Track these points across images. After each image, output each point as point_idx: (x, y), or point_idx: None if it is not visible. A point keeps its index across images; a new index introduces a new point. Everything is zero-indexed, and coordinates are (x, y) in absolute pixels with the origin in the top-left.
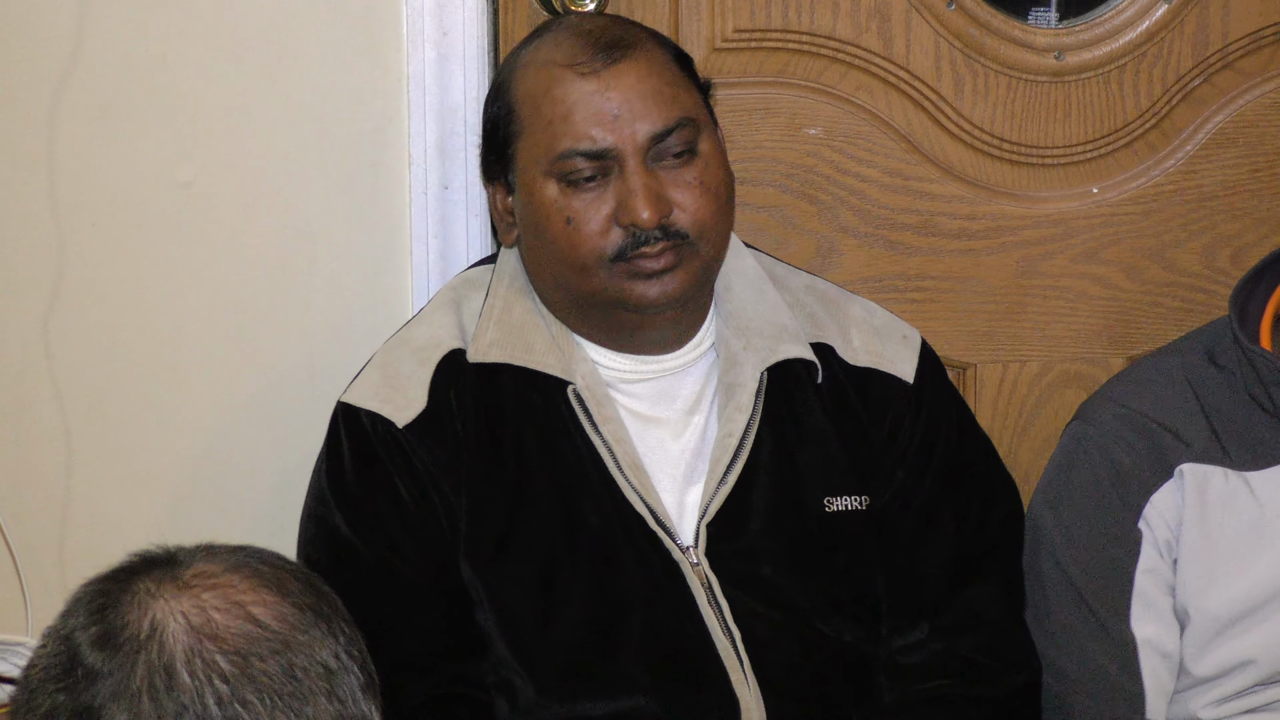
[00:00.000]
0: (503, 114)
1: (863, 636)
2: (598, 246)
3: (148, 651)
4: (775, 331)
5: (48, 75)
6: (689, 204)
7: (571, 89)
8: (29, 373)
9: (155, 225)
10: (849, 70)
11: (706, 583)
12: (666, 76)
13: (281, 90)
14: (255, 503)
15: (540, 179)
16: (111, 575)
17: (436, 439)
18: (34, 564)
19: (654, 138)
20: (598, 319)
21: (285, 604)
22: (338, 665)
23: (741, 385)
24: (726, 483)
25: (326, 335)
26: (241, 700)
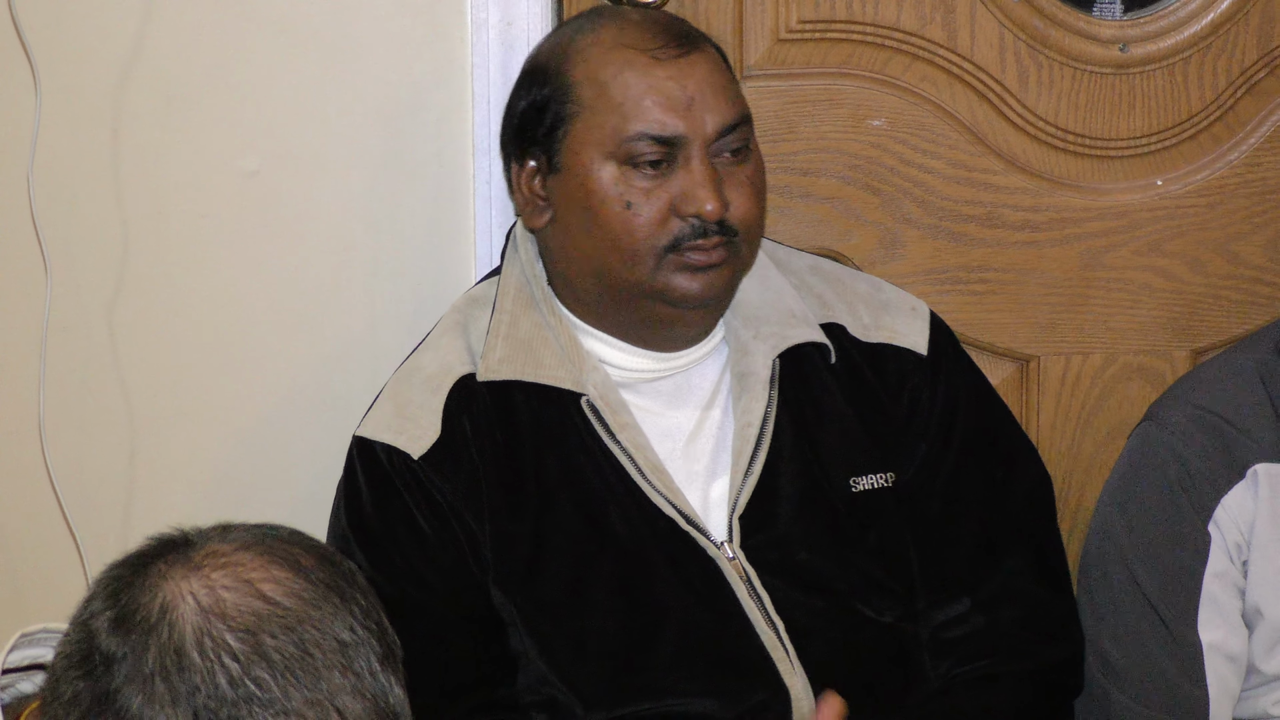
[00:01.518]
0: (555, 95)
1: (902, 615)
2: (653, 234)
3: (158, 633)
4: (783, 317)
5: (113, 64)
6: (741, 202)
7: (645, 73)
8: (93, 362)
9: (219, 214)
10: (913, 61)
11: (745, 575)
12: (728, 73)
13: (345, 80)
14: (317, 489)
15: (599, 161)
16: (128, 560)
17: (453, 468)
18: (98, 553)
19: (720, 131)
20: (627, 312)
21: (297, 580)
22: (353, 638)
23: (754, 374)
24: (752, 473)
25: (390, 325)
26: (253, 678)
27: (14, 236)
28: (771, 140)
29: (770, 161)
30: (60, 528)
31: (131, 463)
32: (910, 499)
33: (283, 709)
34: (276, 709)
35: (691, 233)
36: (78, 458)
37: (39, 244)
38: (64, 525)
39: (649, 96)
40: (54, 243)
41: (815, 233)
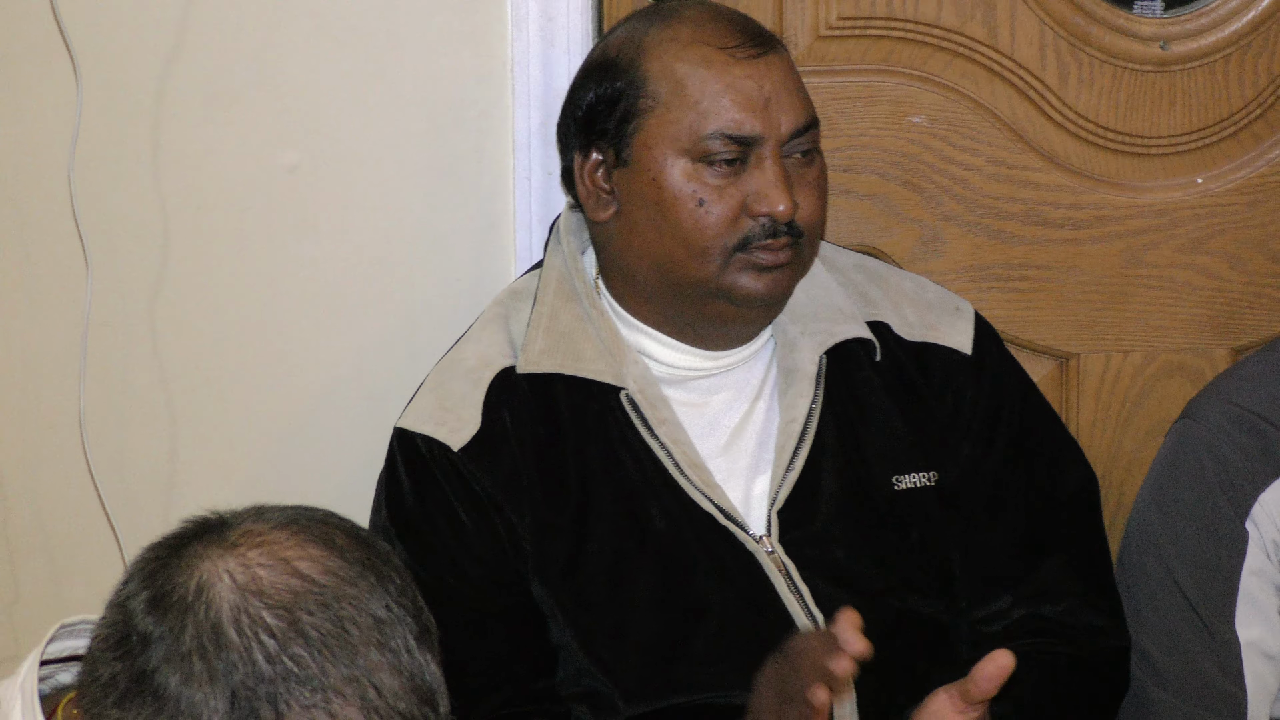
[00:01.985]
0: (628, 89)
1: (941, 610)
2: (724, 232)
3: (195, 612)
4: (830, 314)
5: (154, 60)
6: (808, 204)
7: (725, 72)
8: (134, 358)
9: (259, 210)
10: (953, 58)
11: (784, 570)
12: (799, 76)
13: (386, 75)
14: (356, 483)
15: (671, 157)
16: (164, 542)
17: (493, 460)
18: (138, 546)
19: (794, 132)
20: (685, 309)
21: (333, 558)
22: (389, 615)
23: (800, 370)
24: (794, 468)
25: (429, 320)
26: (290, 654)
27: (55, 232)
28: None
29: None
30: (100, 521)
31: (171, 457)
32: (954, 498)
33: (320, 685)
34: (314, 685)
35: (761, 232)
36: (118, 452)
37: (80, 239)
38: (104, 519)
39: (727, 95)
40: (95, 238)
41: (856, 230)
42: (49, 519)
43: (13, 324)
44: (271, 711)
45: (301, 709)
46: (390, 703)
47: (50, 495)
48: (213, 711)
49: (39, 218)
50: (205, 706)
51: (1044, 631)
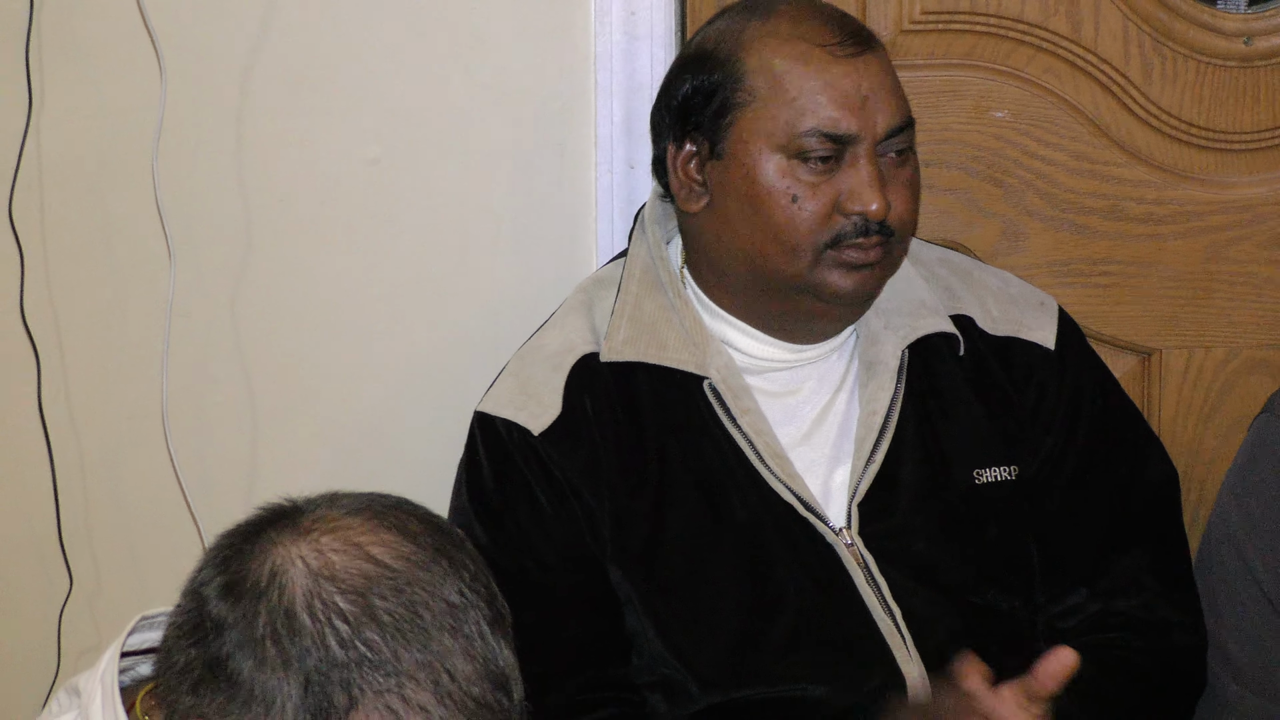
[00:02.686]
0: (725, 81)
1: (1020, 604)
2: (816, 229)
3: (268, 597)
4: (914, 308)
5: (237, 52)
6: (900, 204)
7: (824, 69)
8: (215, 350)
9: (341, 203)
10: (1036, 53)
11: (863, 562)
12: (896, 76)
13: (469, 69)
14: (436, 475)
15: (766, 152)
16: (238, 529)
17: (573, 445)
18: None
19: (890, 131)
20: (773, 303)
21: (406, 543)
22: (462, 601)
23: (883, 363)
24: (874, 461)
25: (510, 312)
26: (363, 639)
27: (139, 224)
28: None
29: None
30: (182, 512)
31: (253, 448)
32: (1034, 493)
33: (393, 670)
34: (387, 670)
35: (853, 230)
36: (200, 443)
37: (163, 231)
38: (186, 509)
39: (825, 93)
40: (178, 230)
41: (938, 224)
42: (131, 510)
43: (97, 315)
44: (345, 696)
45: (374, 694)
46: (464, 688)
47: (132, 486)
48: (286, 697)
49: (123, 210)
50: (279, 692)
51: (1119, 627)
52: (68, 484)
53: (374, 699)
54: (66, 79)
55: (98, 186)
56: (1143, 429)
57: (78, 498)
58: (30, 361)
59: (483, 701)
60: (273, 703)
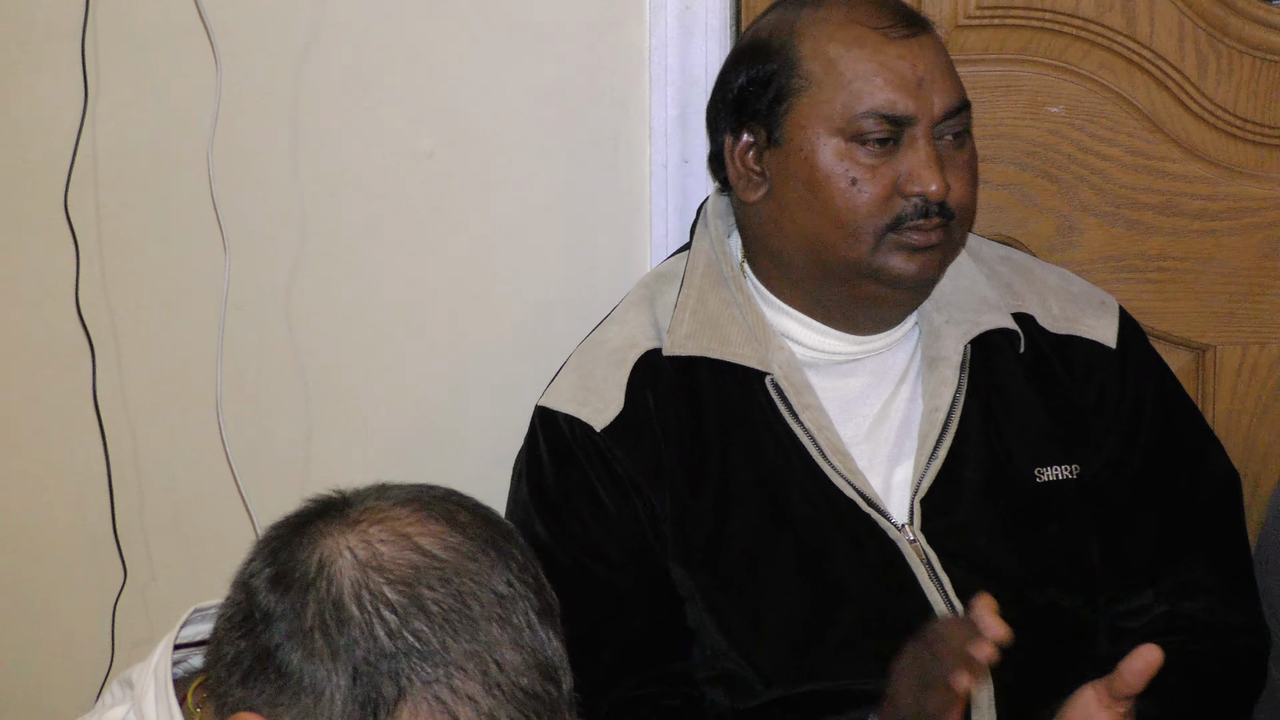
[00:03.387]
0: (780, 70)
1: (1082, 603)
2: (876, 212)
3: (316, 588)
4: (976, 304)
5: (292, 46)
6: (960, 186)
7: (879, 51)
8: (270, 342)
9: (395, 195)
10: (1092, 49)
11: (925, 559)
12: (951, 58)
13: (524, 62)
14: (490, 468)
15: (824, 137)
16: (288, 520)
17: (634, 441)
18: None
19: (947, 113)
20: (835, 290)
21: (454, 534)
22: (510, 592)
23: (945, 359)
24: (937, 457)
25: (564, 306)
26: (411, 630)
27: (194, 217)
28: None
29: None
30: (236, 504)
31: (307, 441)
32: (1095, 492)
33: (442, 661)
34: (435, 661)
35: (913, 212)
36: (254, 436)
37: (218, 224)
38: (240, 502)
39: (880, 75)
40: (233, 223)
41: (993, 219)
42: (185, 502)
43: (151, 308)
44: (393, 687)
45: (423, 685)
46: (512, 678)
47: (187, 479)
48: (335, 688)
49: (178, 203)
50: (328, 683)
51: (1183, 629)
52: (122, 476)
53: (422, 689)
54: (122, 72)
55: (153, 179)
56: (1203, 429)
57: (132, 490)
58: (85, 354)
59: (531, 692)
60: (322, 693)
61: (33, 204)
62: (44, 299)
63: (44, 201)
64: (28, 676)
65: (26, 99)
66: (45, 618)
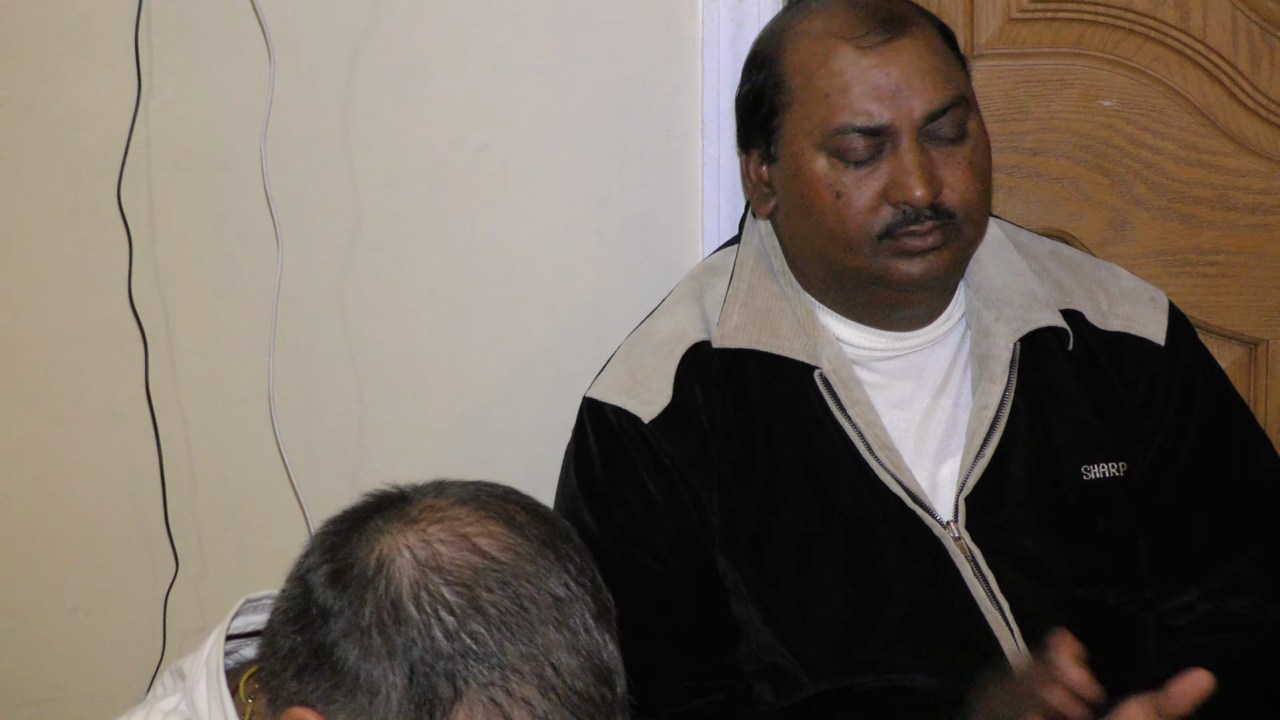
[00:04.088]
0: (769, 84)
1: (1128, 601)
2: (866, 223)
3: (375, 587)
4: (1026, 301)
5: (345, 38)
6: (958, 184)
7: (850, 63)
8: (323, 334)
9: (449, 187)
10: (1145, 42)
11: (970, 556)
12: (940, 54)
13: (576, 55)
14: (542, 461)
15: (809, 151)
16: (346, 515)
17: (682, 433)
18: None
19: (929, 116)
20: (854, 295)
21: (513, 535)
22: (567, 594)
23: (995, 357)
24: (984, 455)
25: (615, 300)
26: (469, 632)
27: (247, 209)
28: (1001, 119)
29: (1000, 141)
30: (288, 496)
31: (359, 432)
32: (1143, 489)
33: (498, 663)
34: (492, 663)
35: (904, 219)
36: (306, 427)
37: (271, 216)
38: (291, 493)
39: (854, 87)
40: (286, 215)
41: (1045, 213)
42: (237, 493)
43: (204, 300)
44: (449, 688)
45: (479, 686)
46: (568, 682)
47: (239, 470)
48: (391, 686)
49: (231, 195)
50: (384, 681)
51: (1230, 627)
52: (174, 467)
53: (478, 691)
54: (176, 63)
55: (206, 171)
56: (1253, 426)
57: (184, 481)
58: (138, 346)
59: (586, 696)
60: (377, 692)
61: (86, 196)
62: (97, 291)
63: (97, 193)
64: (80, 667)
65: (80, 91)
66: (97, 608)
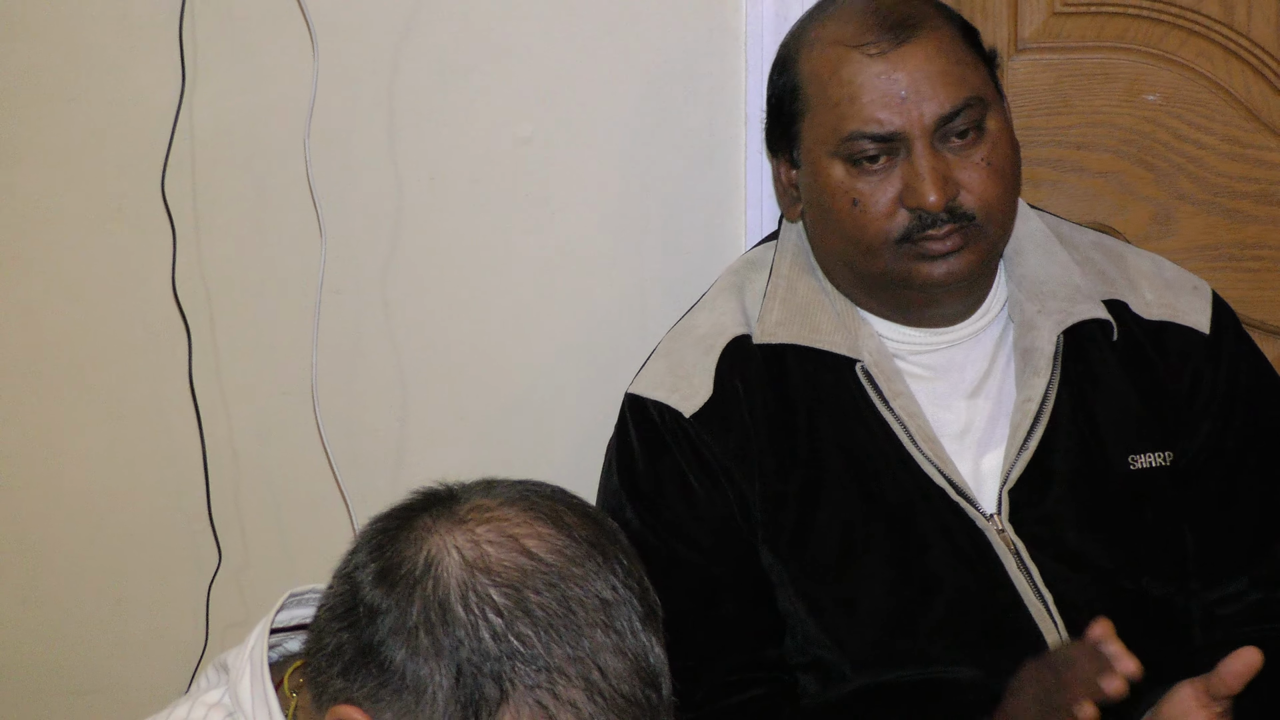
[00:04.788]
0: (788, 90)
1: (1174, 591)
2: (883, 229)
3: (423, 587)
4: (1069, 293)
5: (389, 32)
6: (976, 185)
7: (858, 70)
8: (365, 327)
9: (492, 180)
10: (1189, 37)
11: (1014, 548)
12: (954, 55)
13: (620, 48)
14: (584, 453)
15: (825, 158)
16: (393, 513)
17: (723, 427)
18: (368, 514)
19: (941, 119)
20: (884, 296)
21: (561, 536)
22: (615, 597)
23: (1039, 349)
24: (1027, 448)
25: (658, 292)
26: (516, 633)
27: (290, 202)
28: (1045, 114)
29: (1043, 135)
30: (330, 487)
31: (402, 425)
32: (1189, 479)
33: (545, 665)
34: (539, 665)
35: (920, 224)
36: (349, 420)
37: (315, 209)
38: (334, 486)
39: (863, 95)
40: (329, 207)
41: (1088, 207)
42: (280, 486)
43: (248, 291)
44: (496, 689)
45: (526, 688)
46: (614, 684)
47: (281, 462)
48: (437, 686)
49: (275, 187)
50: (430, 681)
51: (1277, 616)
52: (217, 459)
53: (525, 693)
54: (220, 57)
55: (250, 163)
56: None
57: (227, 473)
58: (182, 337)
59: (633, 699)
60: (424, 691)
61: (130, 188)
62: (140, 283)
63: (141, 186)
64: (123, 658)
65: (125, 84)
66: (140, 600)
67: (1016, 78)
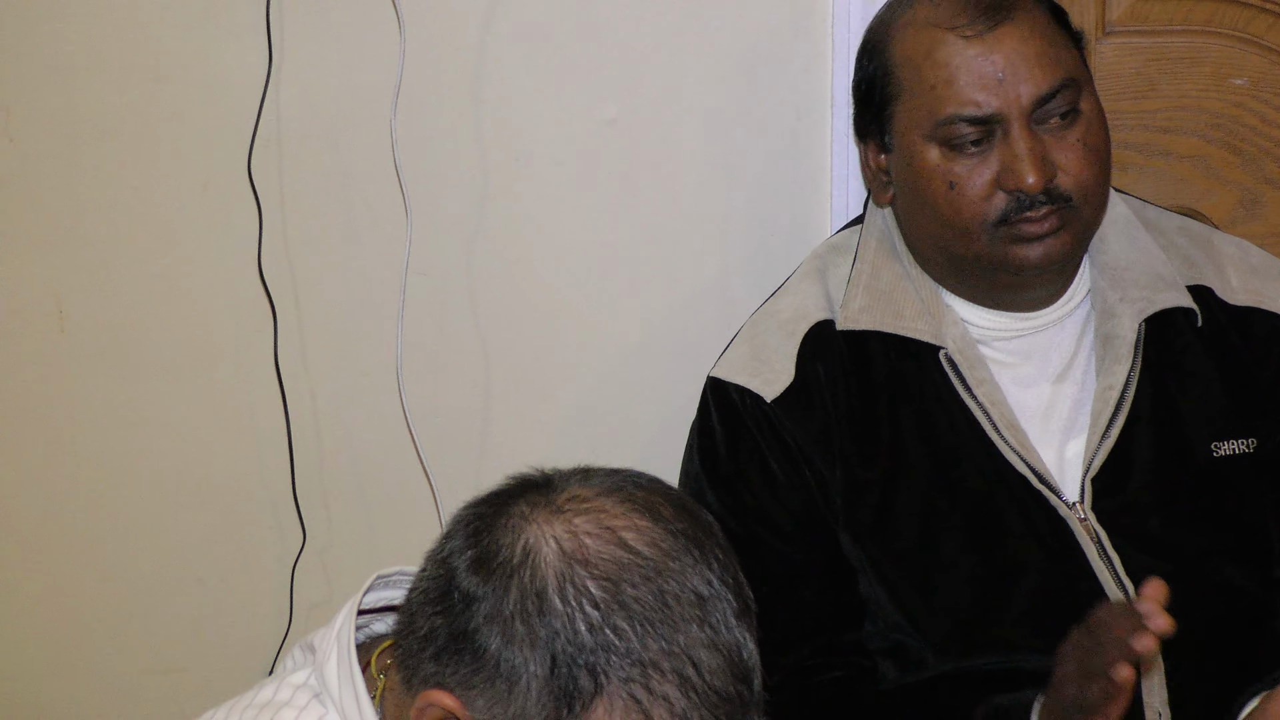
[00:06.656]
0: (879, 75)
1: (1257, 581)
2: (980, 211)
3: (520, 576)
4: (1151, 281)
5: (475, 12)
6: (1072, 166)
7: (954, 53)
8: (450, 306)
9: (577, 161)
10: (1276, 21)
11: (1095, 537)
12: (1048, 36)
13: (705, 29)
14: (667, 434)
15: (920, 142)
16: (489, 498)
17: (805, 412)
18: (453, 496)
19: (1038, 101)
20: (975, 279)
21: (658, 529)
22: (710, 592)
23: (1120, 337)
24: (1110, 436)
25: (742, 274)
26: (612, 626)
27: (376, 182)
28: (1132, 98)
29: (1130, 119)
30: (415, 468)
31: (486, 406)
32: (1273, 466)
33: (639, 659)
34: (633, 659)
35: (1018, 206)
36: (434, 400)
37: (400, 189)
38: (419, 466)
39: (959, 77)
40: (415, 188)
41: (1175, 191)
42: (364, 466)
43: (333, 272)
44: (590, 681)
45: (620, 682)
46: (708, 680)
47: (366, 442)
48: (531, 676)
49: (361, 167)
50: (524, 670)
51: None
52: (302, 439)
53: (619, 687)
54: (306, 37)
55: (336, 144)
56: None
57: (312, 453)
58: (267, 318)
59: (725, 694)
60: (517, 680)
61: (217, 168)
62: (227, 263)
63: (228, 165)
64: (206, 638)
65: (211, 64)
66: (225, 579)
67: (1103, 61)
